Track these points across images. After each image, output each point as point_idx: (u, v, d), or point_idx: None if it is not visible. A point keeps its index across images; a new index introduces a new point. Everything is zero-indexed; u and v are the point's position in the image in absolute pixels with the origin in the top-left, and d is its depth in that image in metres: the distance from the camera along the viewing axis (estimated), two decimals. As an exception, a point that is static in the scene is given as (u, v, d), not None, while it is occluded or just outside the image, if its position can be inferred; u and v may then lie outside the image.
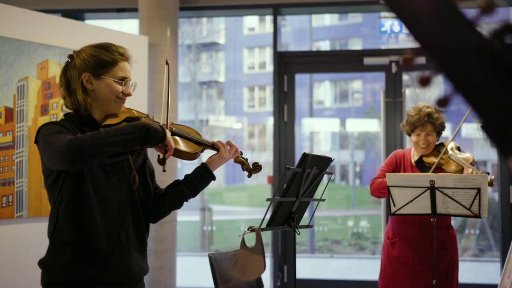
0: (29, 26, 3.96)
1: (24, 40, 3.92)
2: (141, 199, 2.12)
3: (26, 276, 3.88)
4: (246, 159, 2.31)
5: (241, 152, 2.32)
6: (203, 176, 2.17)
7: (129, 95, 2.11)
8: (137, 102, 4.63)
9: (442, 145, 3.55)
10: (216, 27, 17.98)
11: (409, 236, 3.44)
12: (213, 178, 2.20)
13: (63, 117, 2.08)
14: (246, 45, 18.84)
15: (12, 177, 3.82)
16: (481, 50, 0.73)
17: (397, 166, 3.58)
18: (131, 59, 2.15)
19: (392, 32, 5.75)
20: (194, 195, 2.19)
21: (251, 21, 18.44)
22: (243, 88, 18.59)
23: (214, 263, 3.08)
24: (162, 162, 2.03)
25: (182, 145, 2.12)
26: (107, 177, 2.00)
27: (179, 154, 2.10)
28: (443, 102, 0.77)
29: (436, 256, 3.35)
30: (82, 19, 5.83)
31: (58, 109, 4.10)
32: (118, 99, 2.07)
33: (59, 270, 1.98)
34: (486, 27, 0.75)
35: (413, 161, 3.56)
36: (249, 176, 2.32)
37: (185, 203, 2.24)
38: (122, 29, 5.42)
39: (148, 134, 1.89)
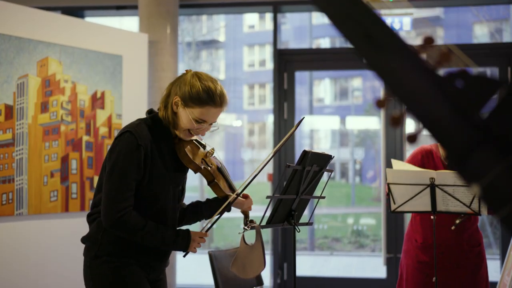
0: (29, 23, 3.96)
1: (24, 37, 3.92)
2: None
3: (26, 273, 3.88)
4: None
5: None
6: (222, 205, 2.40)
7: (201, 134, 2.33)
8: (137, 100, 4.63)
9: None
10: (216, 25, 17.96)
11: (444, 241, 3.27)
12: (229, 210, 2.43)
13: (146, 115, 2.30)
14: (246, 43, 18.82)
15: (12, 174, 3.82)
16: (439, 94, 0.85)
17: (423, 163, 3.34)
18: (227, 103, 2.29)
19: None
20: (207, 218, 2.48)
21: (251, 18, 18.42)
22: (243, 86, 18.57)
23: (214, 260, 3.08)
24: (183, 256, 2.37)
25: (221, 183, 2.39)
26: (168, 190, 2.27)
27: (216, 188, 2.38)
28: (412, 138, 0.89)
29: (473, 259, 3.29)
30: (82, 16, 5.82)
31: (58, 107, 4.10)
32: (188, 132, 2.27)
33: (108, 243, 2.21)
34: (445, 71, 0.88)
35: (443, 159, 3.34)
36: (243, 228, 2.52)
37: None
38: (122, 27, 5.41)
39: (175, 247, 2.27)
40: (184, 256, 2.33)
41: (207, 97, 2.20)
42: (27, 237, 3.90)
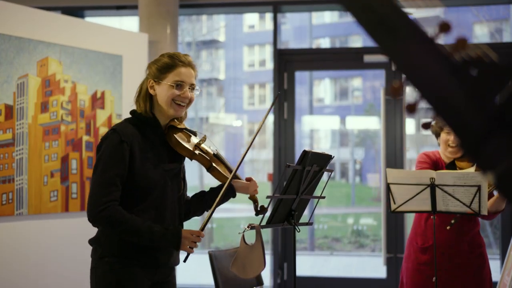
0: (29, 23, 3.96)
1: (24, 37, 3.92)
2: None
3: (26, 274, 3.88)
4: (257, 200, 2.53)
5: None
6: (227, 191, 2.39)
7: (186, 98, 2.30)
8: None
9: None
10: (216, 25, 17.96)
11: (445, 241, 3.28)
12: (234, 196, 2.46)
13: (130, 114, 2.32)
14: (246, 43, 18.82)
15: (12, 174, 3.82)
16: (454, 81, 0.86)
17: (432, 162, 3.38)
18: (194, 65, 2.34)
19: (392, 29, 5.75)
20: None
21: (251, 18, 18.42)
22: (243, 86, 18.57)
23: (214, 260, 3.08)
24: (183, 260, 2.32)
25: (220, 167, 2.39)
26: (165, 181, 2.27)
27: (216, 174, 2.38)
28: (411, 108, 0.89)
29: (475, 259, 3.28)
30: (82, 16, 5.82)
31: (58, 107, 4.10)
32: (174, 104, 2.28)
33: (111, 244, 2.22)
34: (461, 58, 0.88)
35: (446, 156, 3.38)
36: (256, 215, 2.50)
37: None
38: (122, 27, 5.41)
39: (165, 245, 2.23)
40: (185, 261, 2.30)
41: (173, 60, 2.29)
42: (27, 237, 3.90)
